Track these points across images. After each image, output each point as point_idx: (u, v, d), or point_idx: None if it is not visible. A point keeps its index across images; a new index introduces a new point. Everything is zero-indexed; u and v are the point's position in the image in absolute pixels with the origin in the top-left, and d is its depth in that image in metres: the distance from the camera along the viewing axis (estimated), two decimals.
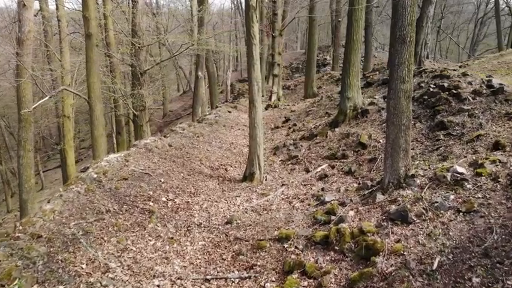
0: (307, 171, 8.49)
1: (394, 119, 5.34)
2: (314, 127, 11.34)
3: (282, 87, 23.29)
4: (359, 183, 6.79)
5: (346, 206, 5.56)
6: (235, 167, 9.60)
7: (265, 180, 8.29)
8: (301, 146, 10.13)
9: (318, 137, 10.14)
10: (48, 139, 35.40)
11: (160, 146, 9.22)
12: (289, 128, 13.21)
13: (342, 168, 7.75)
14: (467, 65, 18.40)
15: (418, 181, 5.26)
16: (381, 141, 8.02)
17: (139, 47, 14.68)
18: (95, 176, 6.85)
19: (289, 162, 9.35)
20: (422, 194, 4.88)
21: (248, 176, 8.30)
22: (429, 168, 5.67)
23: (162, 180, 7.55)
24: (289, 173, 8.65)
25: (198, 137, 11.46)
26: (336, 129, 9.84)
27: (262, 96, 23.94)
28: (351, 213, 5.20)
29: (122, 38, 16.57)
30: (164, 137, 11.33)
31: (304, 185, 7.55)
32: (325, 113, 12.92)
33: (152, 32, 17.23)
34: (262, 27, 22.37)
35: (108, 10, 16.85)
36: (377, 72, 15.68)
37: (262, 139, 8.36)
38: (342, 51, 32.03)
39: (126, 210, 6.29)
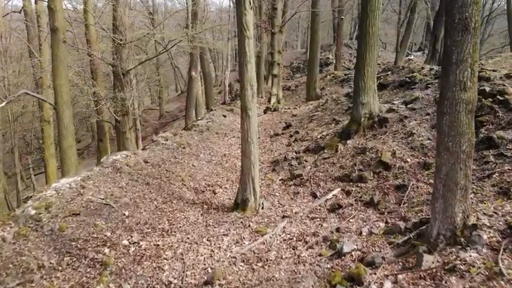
0: (315, 196, 6.77)
1: (449, 143, 3.62)
2: (320, 137, 9.61)
3: (282, 88, 21.56)
4: (386, 222, 5.07)
5: (376, 267, 3.84)
6: (226, 188, 7.88)
7: (262, 208, 6.57)
8: (306, 161, 8.41)
9: (325, 151, 8.42)
10: (38, 142, 33.65)
11: (133, 164, 7.50)
12: (291, 136, 11.49)
13: (361, 197, 6.02)
14: (482, 64, 16.90)
15: (485, 236, 3.54)
16: (409, 160, 6.30)
17: (120, 44, 12.97)
18: (33, 212, 5.13)
19: (292, 182, 7.63)
20: (499, 262, 3.16)
21: (240, 204, 6.58)
22: (495, 213, 3.95)
23: (127, 213, 5.83)
24: (291, 198, 6.93)
25: (183, 148, 9.74)
26: (348, 142, 8.11)
27: (261, 97, 22.28)
28: (388, 285, 3.48)
29: (104, 34, 14.87)
30: (143, 149, 9.62)
31: (312, 219, 5.83)
32: (332, 119, 11.20)
33: (137, 29, 15.51)
34: (260, 23, 20.71)
35: (89, 4, 15.17)
36: (389, 73, 13.96)
37: (257, 157, 6.65)
38: (345, 50, 30.60)
39: (68, 264, 4.57)
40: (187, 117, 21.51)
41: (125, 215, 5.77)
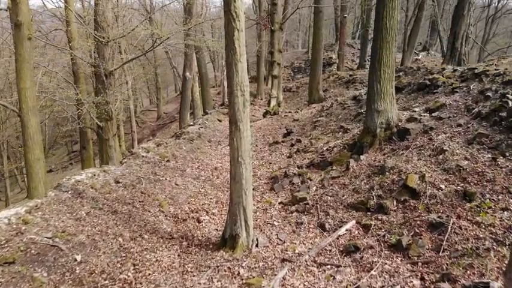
0: (323, 229, 5.43)
1: None
2: (327, 149, 8.27)
3: (283, 89, 20.21)
4: (423, 279, 3.72)
5: None
6: (214, 213, 6.53)
7: (256, 246, 5.23)
8: (310, 179, 7.06)
9: (334, 167, 7.08)
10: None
11: (100, 185, 6.15)
12: (292, 145, 10.15)
13: (384, 236, 4.66)
14: (495, 65, 15.63)
15: None
16: (443, 187, 4.94)
17: (102, 42, 11.64)
18: None
19: (294, 208, 6.28)
20: None
21: (229, 240, 5.25)
22: None
23: (79, 258, 4.48)
24: (293, 231, 5.58)
25: (167, 161, 8.41)
26: (362, 157, 6.76)
27: (261, 99, 20.96)
28: None
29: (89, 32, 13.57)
30: (120, 162, 8.29)
31: (320, 266, 4.48)
32: (339, 126, 9.85)
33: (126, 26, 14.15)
34: (260, 19, 19.42)
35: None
36: (401, 73, 12.59)
37: (250, 181, 5.30)
38: (347, 50, 29.20)
39: None
40: (182, 120, 20.21)
41: (76, 260, 4.42)
